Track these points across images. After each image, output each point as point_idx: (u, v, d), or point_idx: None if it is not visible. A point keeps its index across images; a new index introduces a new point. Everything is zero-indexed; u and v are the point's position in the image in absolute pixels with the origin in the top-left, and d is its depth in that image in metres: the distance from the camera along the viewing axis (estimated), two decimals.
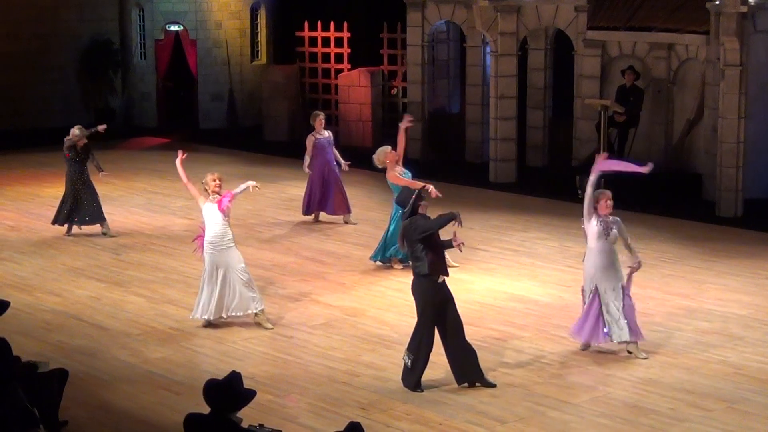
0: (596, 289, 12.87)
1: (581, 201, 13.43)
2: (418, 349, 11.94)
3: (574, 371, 12.51)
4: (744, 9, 19.29)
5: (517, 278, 16.20)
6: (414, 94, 25.17)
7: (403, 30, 25.75)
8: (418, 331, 12.03)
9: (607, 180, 20.66)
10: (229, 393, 8.52)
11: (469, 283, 15.88)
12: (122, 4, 29.88)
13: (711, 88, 20.50)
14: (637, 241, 17.97)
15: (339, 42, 27.68)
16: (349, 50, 27.55)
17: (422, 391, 11.89)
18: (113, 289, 15.73)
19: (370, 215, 19.63)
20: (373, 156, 16.66)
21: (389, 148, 16.67)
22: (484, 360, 12.80)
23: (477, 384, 12.01)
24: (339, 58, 27.73)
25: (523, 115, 23.63)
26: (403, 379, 12.07)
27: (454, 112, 26.02)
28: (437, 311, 11.93)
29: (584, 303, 13.05)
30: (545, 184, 22.20)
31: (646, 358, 12.79)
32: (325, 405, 11.56)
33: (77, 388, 11.66)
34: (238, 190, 14.13)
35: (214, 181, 14.02)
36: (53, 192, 21.68)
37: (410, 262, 12.24)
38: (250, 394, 8.64)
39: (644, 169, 13.40)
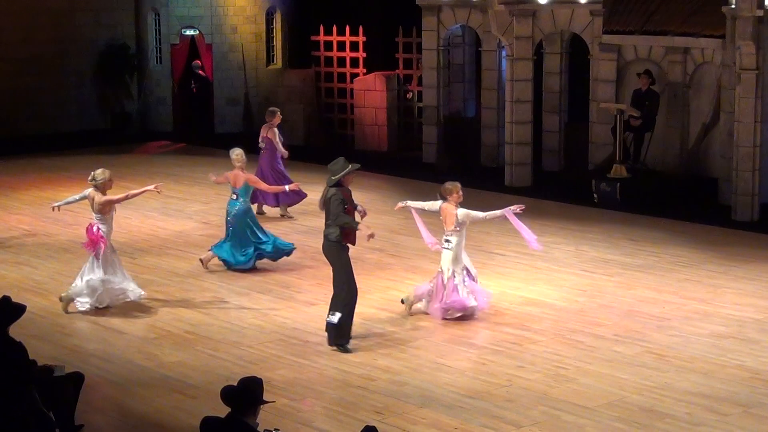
0: (453, 272, 14.25)
1: (597, 205, 13.46)
2: (345, 304, 13.20)
3: (589, 375, 12.48)
4: (760, 13, 19.25)
5: (533, 282, 16.18)
6: (429, 98, 25.17)
7: (418, 34, 25.77)
8: (342, 289, 13.22)
9: (623, 184, 20.70)
10: (245, 394, 8.54)
11: (485, 287, 15.86)
12: (138, 8, 29.97)
13: (727, 92, 20.46)
14: (654, 245, 18.04)
15: (354, 46, 27.71)
16: (364, 54, 27.58)
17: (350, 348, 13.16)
18: None
19: (385, 219, 19.62)
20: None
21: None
22: (500, 364, 12.84)
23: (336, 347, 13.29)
24: (354, 62, 27.76)
25: (539, 119, 23.62)
26: (332, 339, 13.25)
27: (469, 116, 26.01)
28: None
29: (444, 284, 14.25)
30: (561, 188, 22.18)
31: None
32: (340, 409, 11.56)
33: (93, 392, 11.69)
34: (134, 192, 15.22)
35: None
36: (69, 196, 21.74)
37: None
38: (265, 401, 8.67)
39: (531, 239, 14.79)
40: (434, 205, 14.47)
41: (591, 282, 16.15)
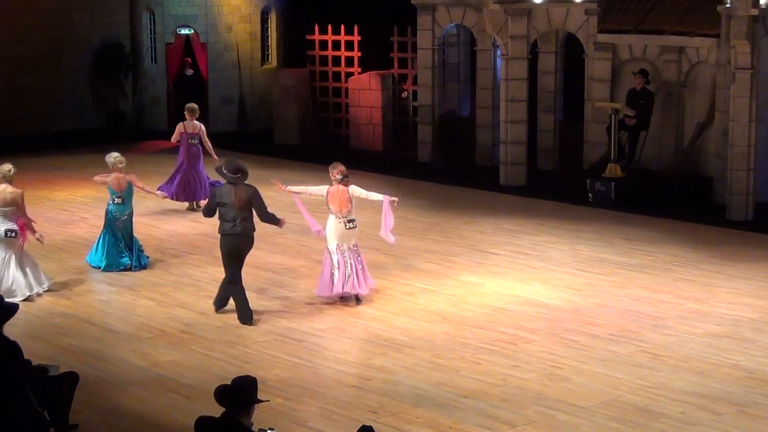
0: (344, 248, 14.77)
1: (592, 204, 13.45)
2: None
3: (584, 375, 12.49)
4: (755, 12, 19.26)
5: (528, 282, 16.18)
6: (424, 97, 25.17)
7: (413, 33, 25.75)
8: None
9: (618, 183, 20.71)
10: (239, 394, 8.54)
11: (480, 287, 15.87)
12: (133, 7, 29.94)
13: (722, 91, 20.47)
14: (648, 244, 18.04)
15: (349, 45, 27.70)
16: (359, 54, 27.57)
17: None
18: (124, 292, 15.75)
19: (379, 219, 19.60)
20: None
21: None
22: (495, 363, 12.84)
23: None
24: (349, 61, 27.74)
25: (534, 119, 23.60)
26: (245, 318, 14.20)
27: (464, 116, 26.01)
28: None
29: (336, 263, 14.68)
30: (556, 187, 22.17)
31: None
32: (335, 408, 11.56)
33: (88, 391, 11.68)
34: None
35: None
36: (64, 196, 21.76)
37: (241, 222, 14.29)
38: (259, 400, 8.68)
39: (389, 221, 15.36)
40: (321, 189, 14.97)
41: (586, 281, 16.16)
